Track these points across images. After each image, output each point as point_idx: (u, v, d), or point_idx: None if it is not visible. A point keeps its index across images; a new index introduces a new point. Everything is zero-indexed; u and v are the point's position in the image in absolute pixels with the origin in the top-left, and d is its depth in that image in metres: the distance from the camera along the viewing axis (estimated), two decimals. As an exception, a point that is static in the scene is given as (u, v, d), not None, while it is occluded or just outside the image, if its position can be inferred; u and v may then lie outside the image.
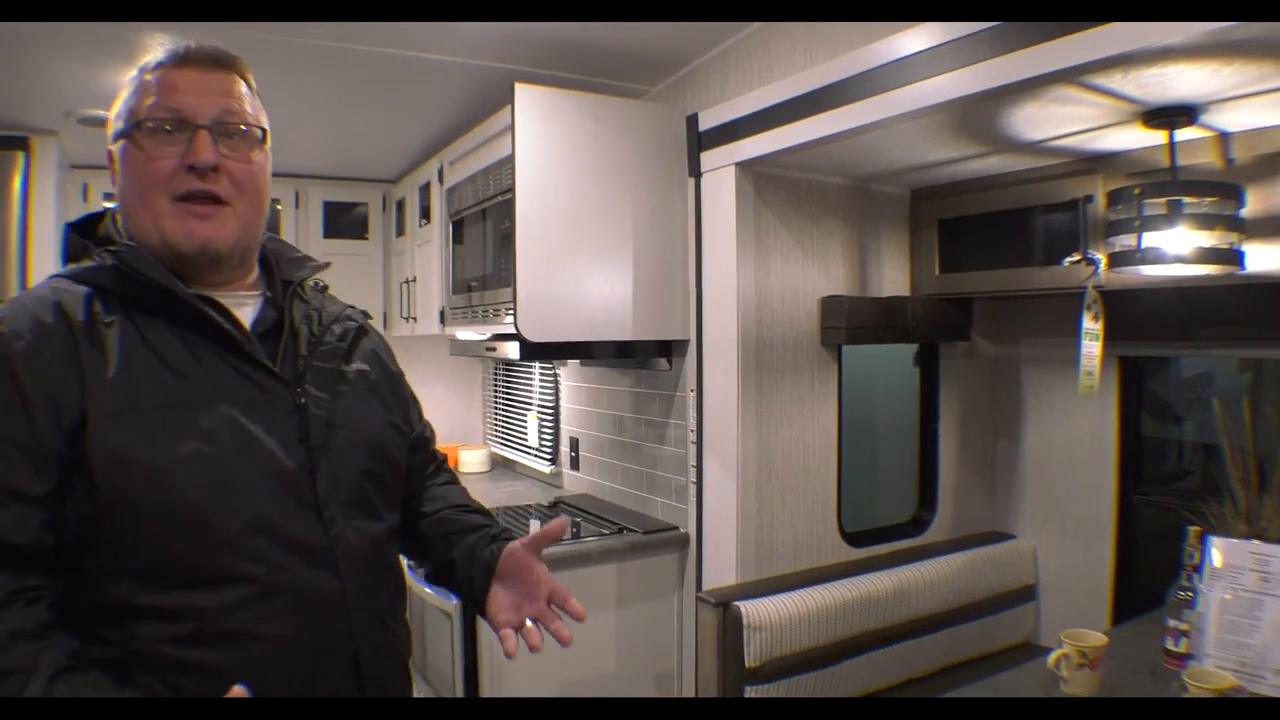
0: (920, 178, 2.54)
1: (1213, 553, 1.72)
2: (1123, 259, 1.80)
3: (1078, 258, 2.08)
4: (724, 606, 2.17)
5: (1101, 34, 1.40)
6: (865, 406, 2.86)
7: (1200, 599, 1.72)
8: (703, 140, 2.45)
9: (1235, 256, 1.73)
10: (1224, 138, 1.87)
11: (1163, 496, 2.44)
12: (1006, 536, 2.78)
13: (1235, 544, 1.71)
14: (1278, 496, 1.80)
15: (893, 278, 2.67)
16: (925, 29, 1.73)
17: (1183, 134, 1.80)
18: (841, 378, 2.56)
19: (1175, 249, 1.71)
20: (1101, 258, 1.98)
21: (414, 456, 1.31)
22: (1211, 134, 1.87)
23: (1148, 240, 1.74)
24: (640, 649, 2.58)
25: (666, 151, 2.50)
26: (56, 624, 0.92)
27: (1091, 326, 2.05)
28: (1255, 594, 1.65)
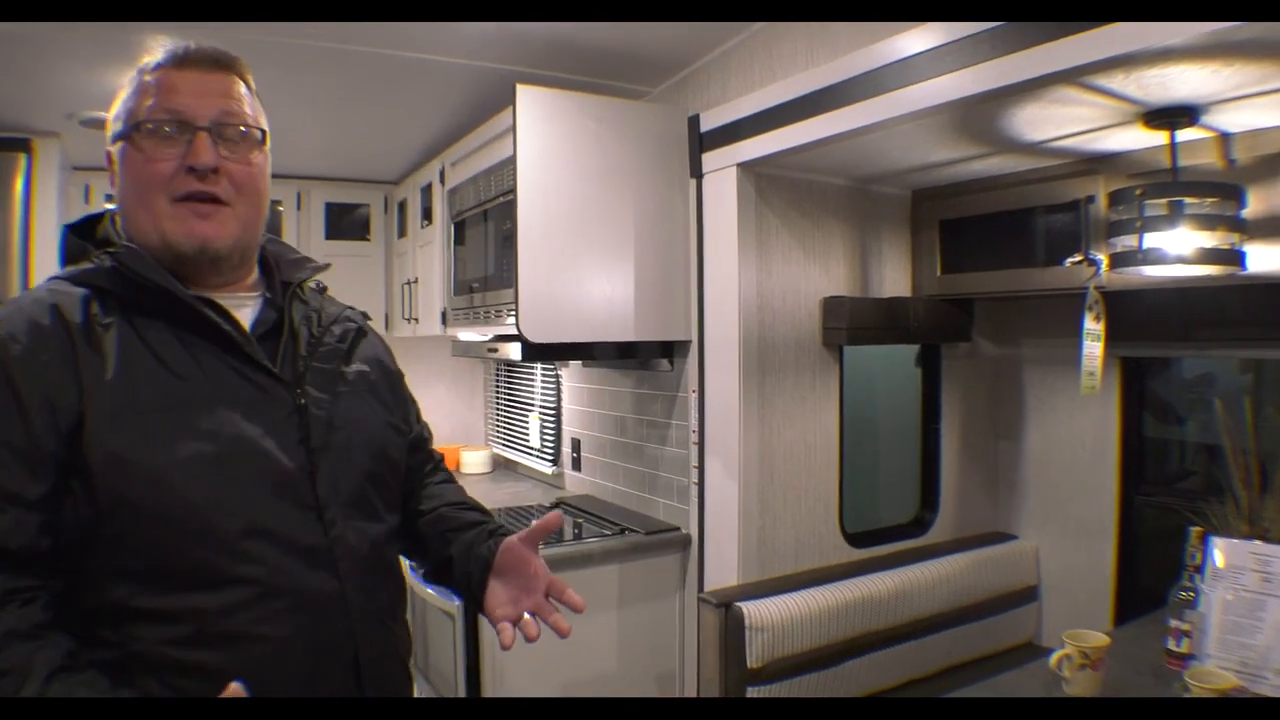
0: (922, 178, 2.54)
1: (1214, 553, 1.72)
2: (1124, 259, 1.80)
3: (1079, 258, 2.08)
4: (726, 607, 2.17)
5: (1102, 35, 1.40)
6: (867, 407, 2.86)
7: (1202, 599, 1.72)
8: (704, 141, 2.45)
9: (1236, 257, 1.73)
10: (1225, 138, 1.87)
11: (1164, 497, 2.44)
12: (1008, 537, 2.78)
13: (1237, 544, 1.71)
14: (1279, 497, 1.81)
15: (894, 278, 2.67)
16: (926, 30, 1.73)
17: (1184, 135, 1.81)
18: (843, 378, 2.56)
19: (1176, 249, 1.71)
20: (1103, 258, 1.98)
21: (412, 456, 1.31)
22: (1213, 134, 1.87)
23: (1149, 241, 1.74)
24: (642, 650, 2.58)
25: (668, 152, 2.50)
26: (52, 624, 0.91)
27: (1093, 327, 2.05)
28: (1257, 594, 1.65)
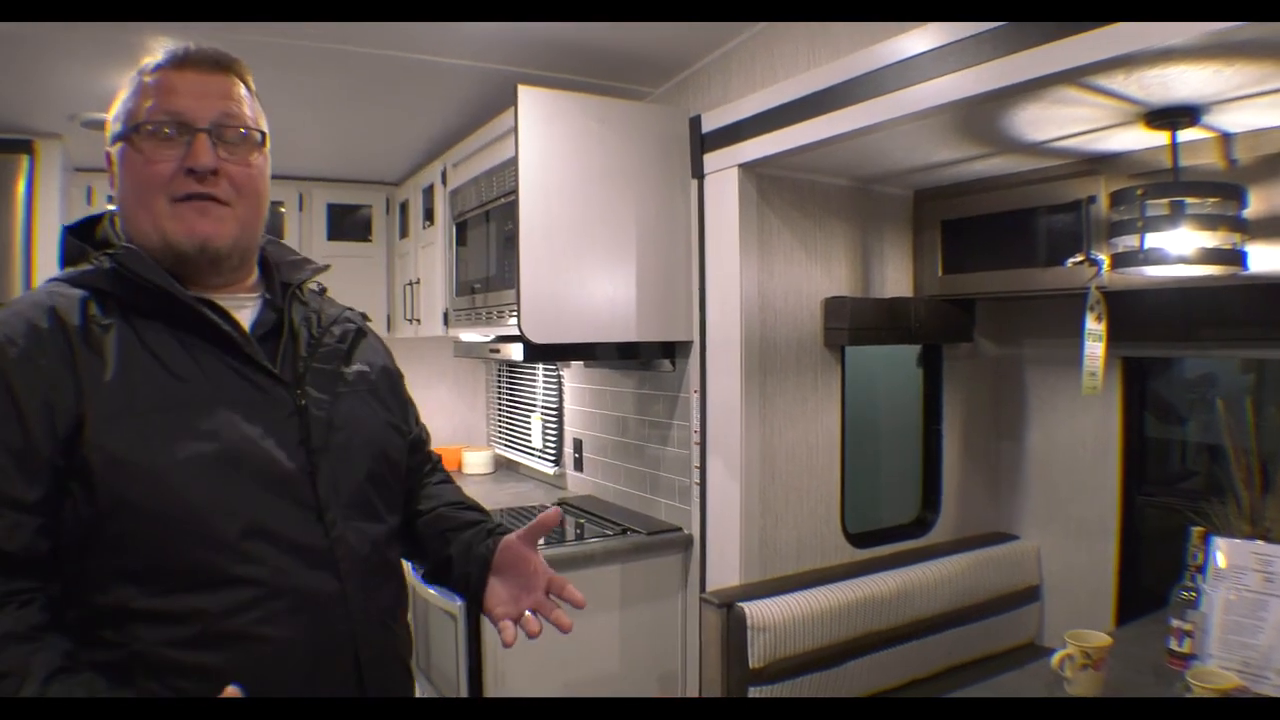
0: (923, 179, 2.54)
1: (1216, 553, 1.72)
2: (1125, 260, 1.80)
3: (1081, 258, 2.08)
4: (728, 607, 2.18)
5: (1104, 35, 1.40)
6: (868, 407, 2.86)
7: (1204, 599, 1.72)
8: (706, 142, 2.45)
9: (1238, 257, 1.73)
10: (1226, 138, 1.87)
11: (1166, 497, 2.43)
12: (1010, 537, 2.78)
13: (1239, 544, 1.71)
14: (1281, 497, 1.81)
15: (896, 279, 2.67)
16: (928, 30, 1.73)
17: (1185, 135, 1.81)
18: (845, 379, 2.56)
19: (1178, 249, 1.71)
20: (1104, 258, 1.98)
21: (411, 457, 1.31)
22: (1214, 135, 1.87)
23: (1150, 241, 1.74)
24: (644, 650, 2.58)
25: (669, 153, 2.50)
26: (50, 626, 0.91)
27: (1095, 327, 2.05)
28: (1259, 594, 1.65)
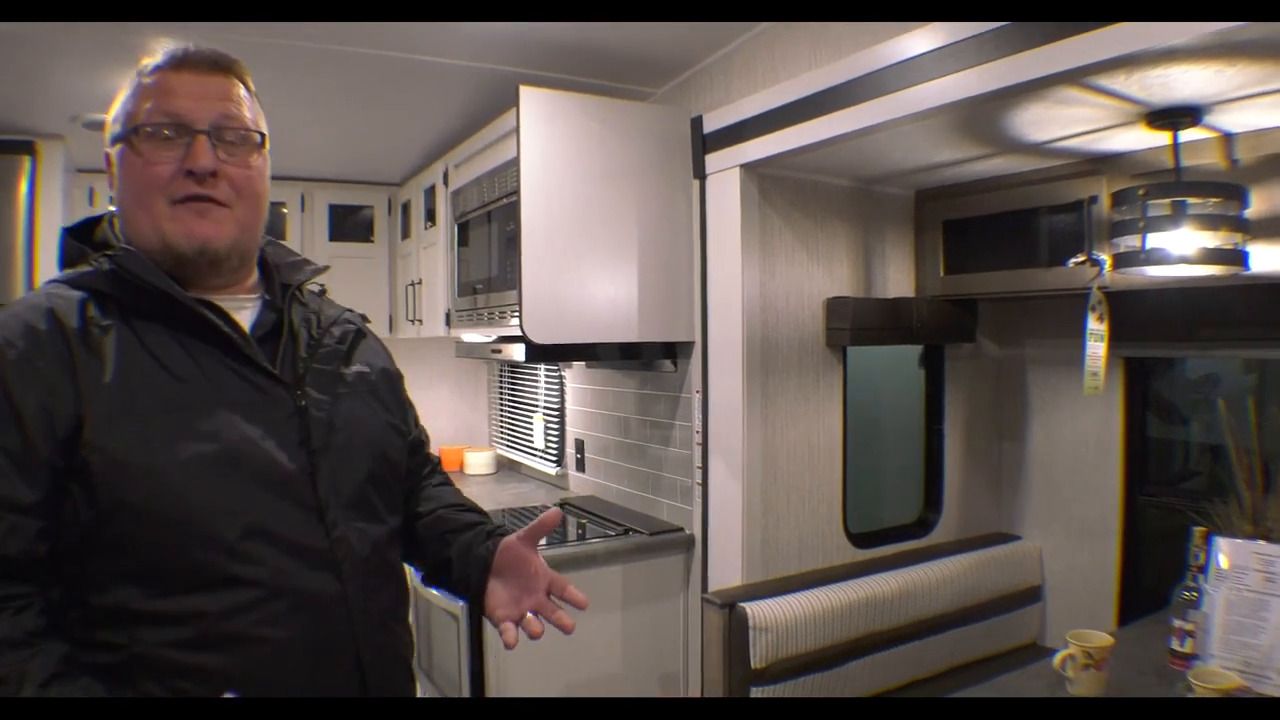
0: (925, 179, 2.54)
1: (1218, 553, 1.73)
2: (1127, 260, 1.80)
3: (1082, 259, 2.08)
4: (729, 607, 2.18)
5: (1106, 35, 1.40)
6: (870, 408, 2.86)
7: (1205, 599, 1.72)
8: (707, 142, 2.46)
9: (1239, 257, 1.73)
10: (1228, 138, 1.87)
11: (1168, 497, 2.43)
12: (1012, 537, 2.78)
13: (1241, 544, 1.71)
14: (1283, 497, 1.81)
15: (897, 279, 2.67)
16: (930, 30, 1.73)
17: (1187, 135, 1.81)
18: (846, 379, 2.56)
19: (1179, 250, 1.71)
20: (1106, 259, 1.98)
21: (410, 459, 1.31)
22: (1215, 135, 1.87)
23: (1152, 241, 1.74)
24: (646, 650, 2.58)
25: (671, 154, 2.50)
26: (47, 631, 0.91)
27: (1096, 327, 2.05)
28: (1260, 594, 1.66)
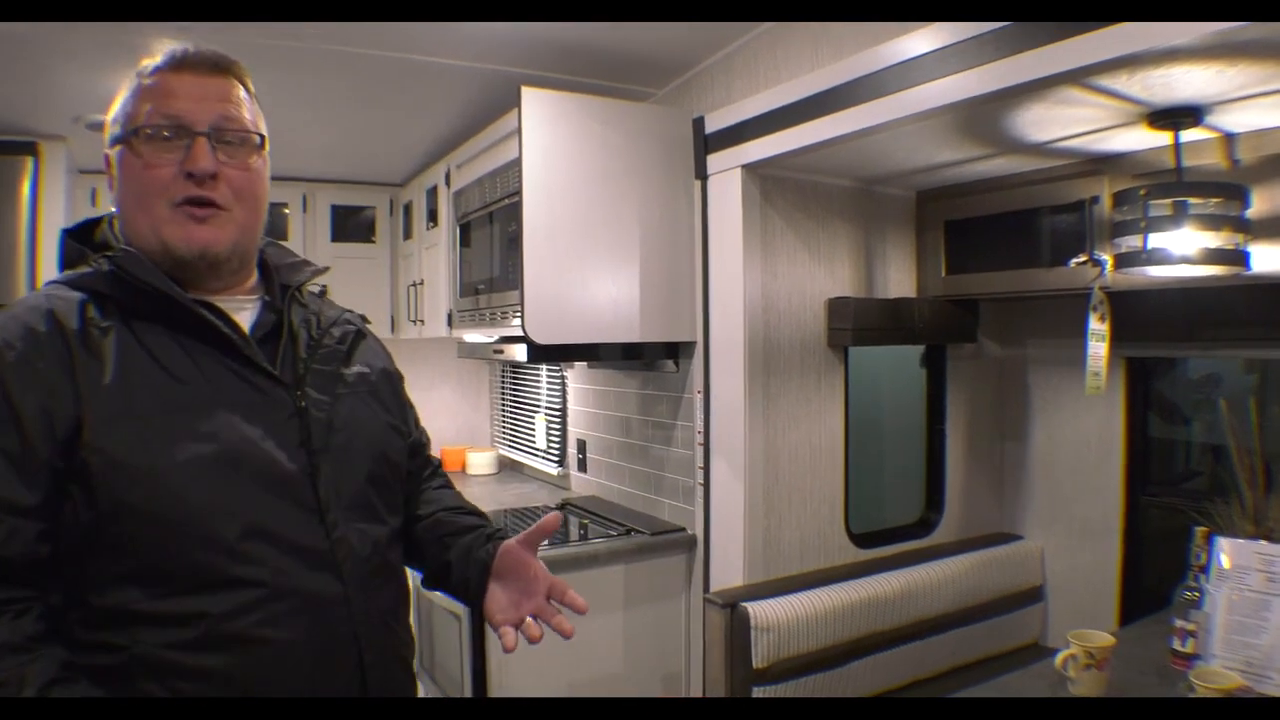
0: (926, 179, 2.55)
1: (1220, 553, 1.73)
2: (1129, 260, 1.80)
3: (1084, 259, 2.08)
4: (731, 608, 2.18)
5: (1107, 35, 1.40)
6: (872, 408, 2.86)
7: (1207, 599, 1.72)
8: (709, 143, 2.46)
9: (1241, 257, 1.73)
10: (1229, 139, 1.87)
11: (1170, 497, 2.43)
12: (1014, 537, 2.78)
13: (1242, 544, 1.72)
14: (1285, 497, 1.81)
15: (899, 279, 2.67)
16: (931, 31, 1.73)
17: (1188, 135, 1.81)
18: (848, 379, 2.56)
19: (1181, 250, 1.71)
20: (1107, 259, 1.98)
21: (410, 461, 1.31)
22: (1217, 135, 1.87)
23: (1153, 241, 1.74)
24: (648, 650, 2.58)
25: (673, 154, 2.50)
26: (46, 636, 0.91)
27: (1098, 327, 2.05)
28: (1262, 594, 1.66)
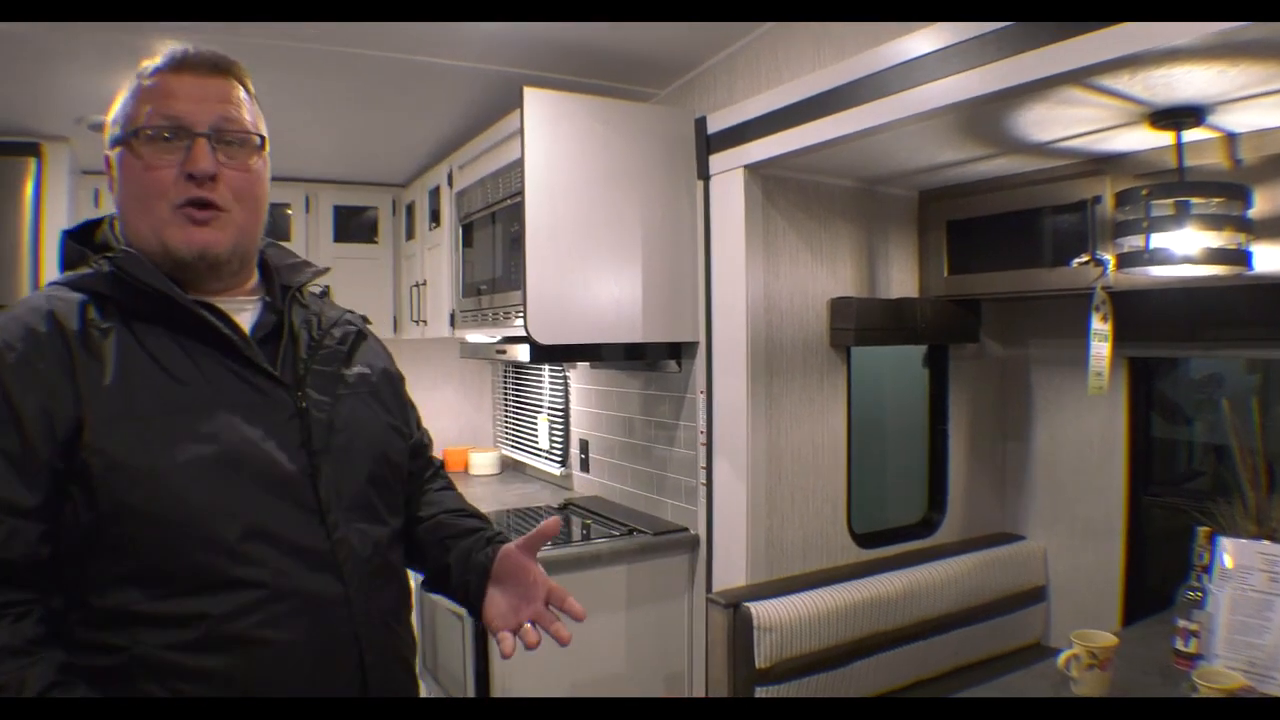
0: (928, 179, 2.55)
1: (1222, 553, 1.73)
2: (1131, 260, 1.80)
3: (1086, 259, 2.08)
4: (734, 607, 2.18)
5: (1109, 35, 1.41)
6: (874, 408, 2.86)
7: (1210, 599, 1.72)
8: (711, 143, 2.46)
9: (1243, 257, 1.73)
10: (1231, 138, 1.87)
11: (1172, 497, 2.43)
12: (1016, 538, 2.78)
13: (1245, 544, 1.71)
14: (1287, 497, 1.81)
15: (901, 279, 2.67)
16: (933, 31, 1.74)
17: (1190, 135, 1.81)
18: (850, 379, 2.56)
19: (1183, 250, 1.72)
20: (1110, 259, 1.98)
21: (412, 462, 1.30)
22: (1219, 135, 1.87)
23: (1156, 241, 1.74)
24: (650, 650, 2.58)
25: (675, 154, 2.51)
26: (46, 638, 0.91)
27: (1100, 327, 2.05)
28: (1265, 594, 1.66)
